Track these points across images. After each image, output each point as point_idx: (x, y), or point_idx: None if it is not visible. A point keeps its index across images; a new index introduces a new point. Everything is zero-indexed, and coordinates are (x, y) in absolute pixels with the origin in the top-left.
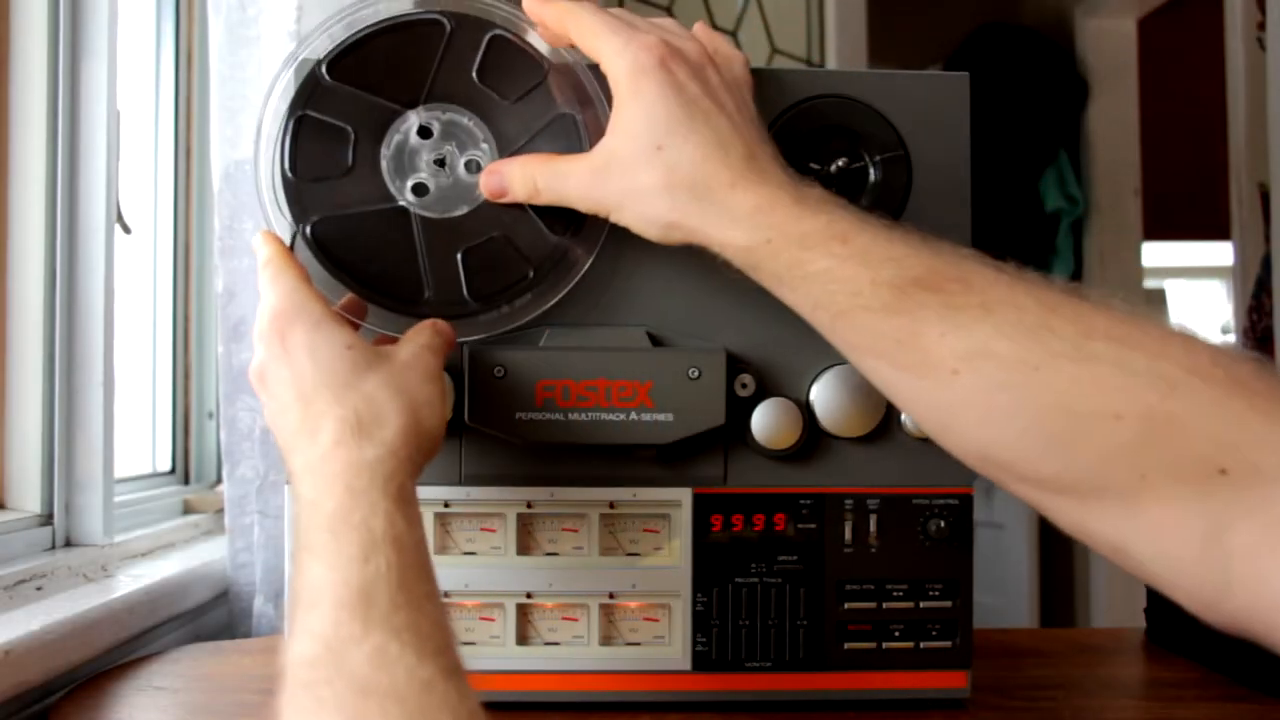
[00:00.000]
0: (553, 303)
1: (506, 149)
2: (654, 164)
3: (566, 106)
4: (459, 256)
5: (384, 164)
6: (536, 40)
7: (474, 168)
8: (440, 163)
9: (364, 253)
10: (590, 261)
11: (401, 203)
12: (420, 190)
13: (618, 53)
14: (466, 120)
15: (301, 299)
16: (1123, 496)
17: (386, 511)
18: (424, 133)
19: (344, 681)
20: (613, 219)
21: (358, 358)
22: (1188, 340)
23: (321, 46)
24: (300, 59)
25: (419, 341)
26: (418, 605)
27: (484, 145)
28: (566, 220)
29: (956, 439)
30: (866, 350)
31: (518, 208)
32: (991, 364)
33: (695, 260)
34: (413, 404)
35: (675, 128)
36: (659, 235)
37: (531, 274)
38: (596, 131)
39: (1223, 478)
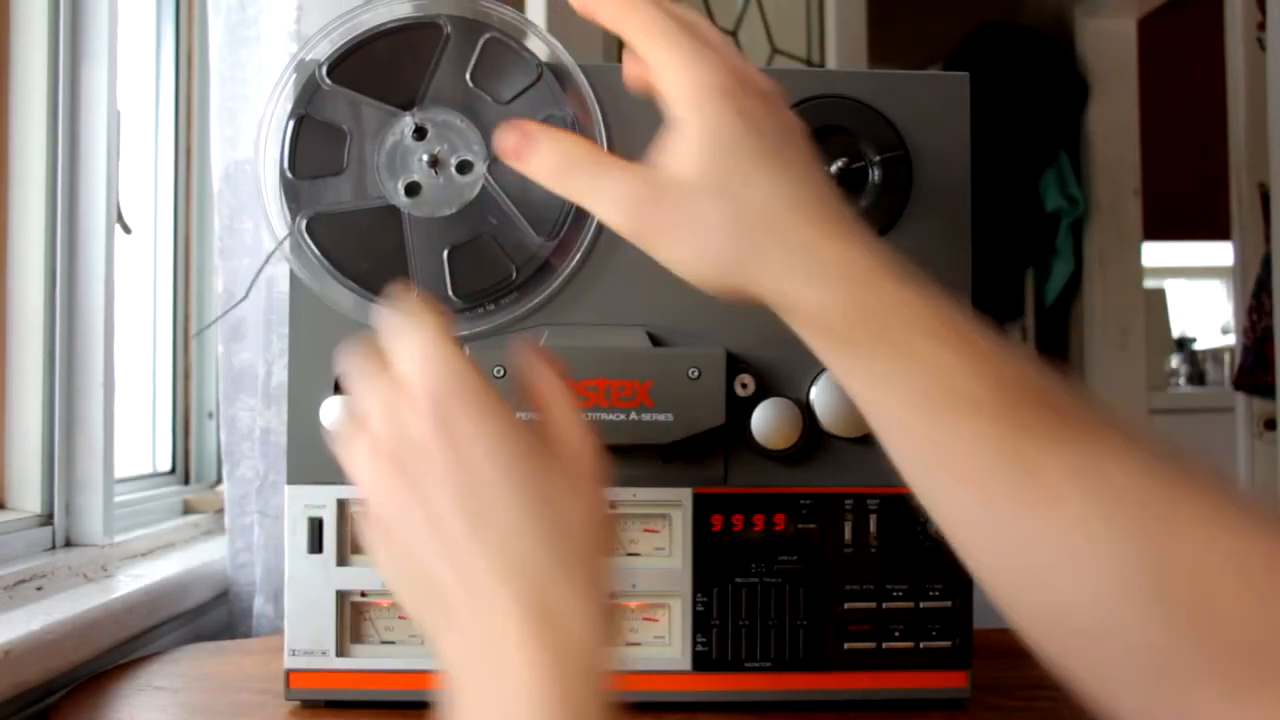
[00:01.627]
0: (535, 302)
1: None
2: (721, 197)
3: (558, 107)
4: (444, 255)
5: (378, 164)
6: (532, 43)
7: (465, 169)
8: (434, 163)
9: (355, 249)
10: (574, 264)
11: (393, 202)
12: (412, 190)
13: (683, 65)
14: (459, 122)
15: (463, 372)
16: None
17: None
18: (419, 133)
19: None
20: (648, 246)
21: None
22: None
23: (324, 50)
24: (302, 61)
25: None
26: None
27: (475, 147)
28: (552, 223)
29: (1031, 588)
30: (939, 463)
31: (505, 209)
32: (1110, 498)
33: None
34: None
35: (746, 158)
36: (710, 273)
37: (515, 274)
38: (588, 133)
39: None
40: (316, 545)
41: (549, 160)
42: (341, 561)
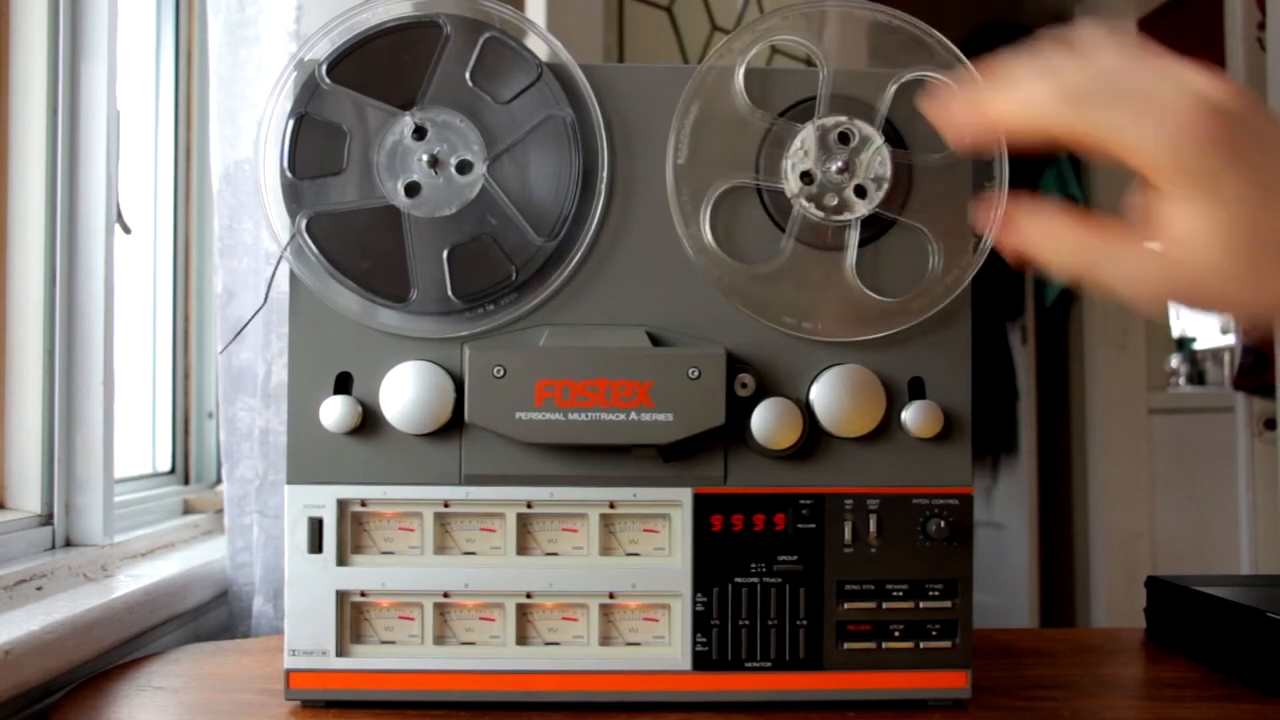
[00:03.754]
0: (535, 302)
1: (495, 148)
2: (1246, 284)
3: (558, 108)
4: (444, 255)
5: (378, 163)
6: (532, 42)
7: (465, 168)
8: (434, 163)
9: (355, 249)
10: (574, 264)
11: (393, 202)
12: (412, 190)
13: (1137, 149)
14: (459, 122)
15: None
16: None
17: None
18: (419, 133)
19: None
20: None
21: None
22: None
23: (324, 49)
24: (302, 60)
25: None
26: None
27: (475, 147)
28: (553, 223)
29: None
30: None
31: (505, 209)
32: None
33: (695, 260)
34: None
35: (1260, 228)
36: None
37: (515, 275)
38: (588, 133)
39: None
40: (316, 545)
41: (1055, 255)
42: (341, 561)
